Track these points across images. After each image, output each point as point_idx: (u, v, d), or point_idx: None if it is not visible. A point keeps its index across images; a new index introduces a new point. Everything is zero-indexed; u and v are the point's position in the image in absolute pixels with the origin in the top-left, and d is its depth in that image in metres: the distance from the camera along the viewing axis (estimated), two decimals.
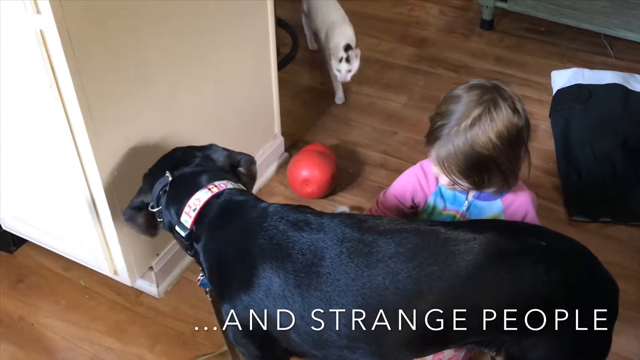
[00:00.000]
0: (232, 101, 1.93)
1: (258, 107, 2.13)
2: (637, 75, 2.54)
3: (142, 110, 1.54)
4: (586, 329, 1.09)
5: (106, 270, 1.75)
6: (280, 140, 2.30)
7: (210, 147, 1.44)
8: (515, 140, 1.29)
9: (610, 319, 1.14)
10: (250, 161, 1.46)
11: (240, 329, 1.22)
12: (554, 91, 2.57)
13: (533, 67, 2.82)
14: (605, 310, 1.12)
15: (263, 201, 1.28)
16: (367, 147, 2.39)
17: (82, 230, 1.65)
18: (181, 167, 1.35)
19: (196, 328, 1.75)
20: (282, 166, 2.30)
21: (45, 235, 1.84)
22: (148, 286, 1.84)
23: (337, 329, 1.12)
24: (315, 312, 1.12)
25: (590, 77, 2.52)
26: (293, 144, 2.41)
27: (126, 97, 1.48)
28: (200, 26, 1.66)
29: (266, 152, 2.23)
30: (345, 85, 2.67)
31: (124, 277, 1.75)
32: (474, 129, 1.26)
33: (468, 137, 1.27)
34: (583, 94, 2.43)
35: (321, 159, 2.12)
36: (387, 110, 2.61)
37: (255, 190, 2.19)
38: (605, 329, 1.13)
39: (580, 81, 2.51)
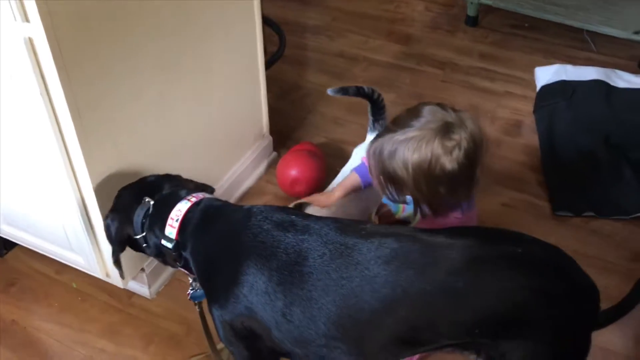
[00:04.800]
0: (221, 103, 1.94)
1: (247, 107, 2.15)
2: (618, 71, 2.58)
3: (132, 115, 1.56)
4: (564, 333, 1.12)
5: (98, 273, 1.76)
6: (268, 140, 2.32)
7: (177, 177, 1.49)
8: (433, 178, 1.28)
9: (589, 323, 1.17)
10: (212, 191, 1.51)
11: (229, 330, 1.25)
12: (538, 88, 2.61)
13: (517, 63, 2.86)
14: (583, 314, 1.15)
15: (242, 205, 1.33)
16: (355, 145, 2.40)
17: (74, 233, 1.66)
18: (157, 192, 1.39)
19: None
20: (272, 165, 2.32)
21: (37, 238, 1.85)
22: (140, 287, 1.86)
23: (316, 327, 1.15)
24: (297, 310, 1.15)
25: (573, 74, 2.56)
26: (281, 143, 2.43)
27: (116, 103, 1.49)
28: (188, 30, 1.68)
29: (255, 151, 2.25)
30: (332, 83, 2.69)
31: (115, 279, 1.76)
32: (402, 146, 1.27)
33: (392, 150, 1.28)
34: (566, 90, 2.47)
35: (310, 159, 2.14)
36: None
37: (244, 189, 2.22)
38: (584, 333, 1.16)
39: (564, 77, 2.55)
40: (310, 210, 1.60)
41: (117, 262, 1.44)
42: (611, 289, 1.41)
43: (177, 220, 1.30)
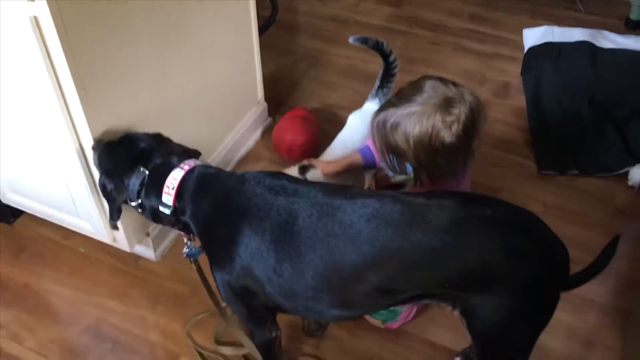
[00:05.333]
0: (217, 70, 2.00)
1: (241, 74, 2.20)
2: (604, 32, 2.63)
3: (132, 86, 1.62)
4: (531, 290, 1.21)
5: (105, 238, 1.84)
6: (264, 106, 2.38)
7: (166, 140, 1.54)
8: (432, 150, 1.36)
9: (556, 281, 1.25)
10: (199, 155, 1.55)
11: (229, 289, 1.35)
12: (526, 49, 2.66)
13: (506, 24, 2.91)
14: (551, 272, 1.23)
15: (235, 172, 1.41)
16: (349, 110, 2.43)
17: (81, 201, 1.74)
18: (150, 159, 1.44)
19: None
20: (267, 131, 2.38)
21: (44, 206, 1.92)
22: (146, 251, 1.94)
23: (304, 281, 1.25)
24: (287, 265, 1.25)
25: (560, 35, 2.61)
26: (276, 108, 2.48)
27: (117, 74, 1.55)
28: (183, 1, 1.72)
29: (250, 118, 2.30)
30: (325, 48, 2.73)
31: (122, 244, 1.84)
32: (404, 120, 1.36)
33: (395, 123, 1.37)
34: (553, 52, 2.52)
35: (305, 124, 2.20)
36: (367, 72, 2.68)
37: (240, 155, 2.29)
38: (551, 289, 1.25)
39: (551, 39, 2.59)
40: (311, 175, 1.67)
41: (115, 227, 1.52)
42: (594, 242, 1.51)
43: (173, 188, 1.37)
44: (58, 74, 1.42)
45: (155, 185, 1.41)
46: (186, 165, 1.40)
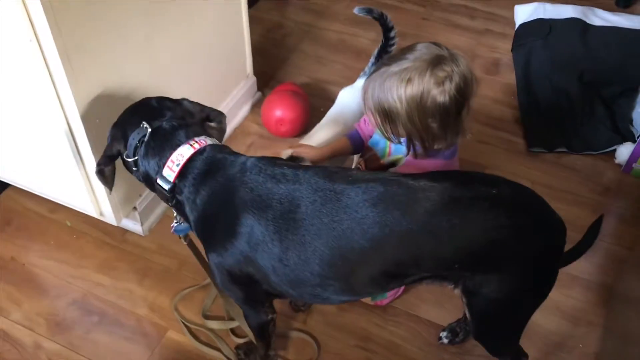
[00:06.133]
0: (205, 43, 1.97)
1: (230, 47, 2.17)
2: (595, 9, 2.62)
3: (119, 57, 1.59)
4: (534, 266, 1.23)
5: (92, 212, 1.83)
6: (252, 80, 2.36)
7: (182, 101, 1.47)
8: (425, 111, 1.34)
9: (557, 257, 1.27)
10: (221, 116, 1.51)
11: (226, 275, 1.33)
12: (517, 26, 2.65)
13: (497, 0, 2.88)
14: (552, 249, 1.25)
15: (240, 155, 1.35)
16: (338, 85, 2.43)
17: (67, 174, 1.72)
18: (157, 118, 1.38)
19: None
20: (256, 105, 2.36)
21: (30, 179, 1.90)
22: (133, 225, 1.93)
23: (311, 269, 1.23)
24: (292, 254, 1.23)
25: (551, 12, 2.59)
26: (265, 83, 2.46)
27: (104, 46, 1.53)
28: None
29: (240, 92, 2.29)
30: (314, 22, 2.70)
31: (109, 218, 1.84)
32: (396, 78, 1.33)
33: (387, 83, 1.35)
34: (544, 28, 2.51)
35: (294, 99, 2.19)
36: (356, 47, 2.67)
37: (230, 129, 2.27)
38: (552, 266, 1.27)
39: (542, 16, 2.58)
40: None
41: (100, 173, 1.42)
42: (581, 220, 1.52)
43: (177, 165, 1.31)
44: (42, 45, 1.39)
45: (156, 151, 1.34)
46: (196, 144, 1.33)
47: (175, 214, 1.47)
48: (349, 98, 1.89)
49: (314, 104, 2.31)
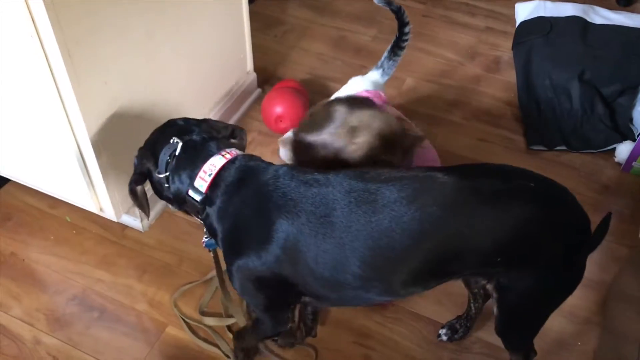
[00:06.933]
0: (206, 39, 1.97)
1: (231, 43, 2.17)
2: (596, 7, 2.62)
3: (120, 54, 1.59)
4: (568, 259, 1.24)
5: (92, 207, 1.83)
6: (253, 77, 2.36)
7: (207, 119, 1.48)
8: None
9: (586, 252, 1.28)
10: (243, 132, 1.51)
11: (254, 282, 1.31)
12: (517, 23, 2.65)
13: None
14: (582, 242, 1.25)
15: (272, 164, 1.35)
16: (338, 82, 2.44)
17: (67, 169, 1.72)
18: (186, 134, 1.37)
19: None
20: (256, 102, 2.36)
21: (30, 174, 1.90)
22: (133, 221, 1.93)
23: (352, 271, 1.22)
24: (330, 257, 1.21)
25: (552, 10, 2.59)
26: (265, 79, 2.46)
27: (105, 42, 1.52)
28: None
29: (240, 88, 2.28)
30: (315, 18, 2.70)
31: (109, 213, 1.84)
32: (315, 147, 1.40)
33: (307, 146, 1.41)
34: (544, 26, 2.51)
35: (294, 96, 2.19)
36: (357, 44, 2.67)
37: None
38: (582, 258, 1.28)
39: (542, 14, 2.58)
40: None
41: (132, 192, 1.42)
42: None
43: (209, 175, 1.30)
44: (42, 39, 1.38)
45: (188, 163, 1.33)
46: (228, 154, 1.33)
47: (205, 229, 1.42)
48: (359, 86, 1.89)
49: (314, 101, 2.29)
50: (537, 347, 1.64)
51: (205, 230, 1.41)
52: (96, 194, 1.78)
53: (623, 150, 2.14)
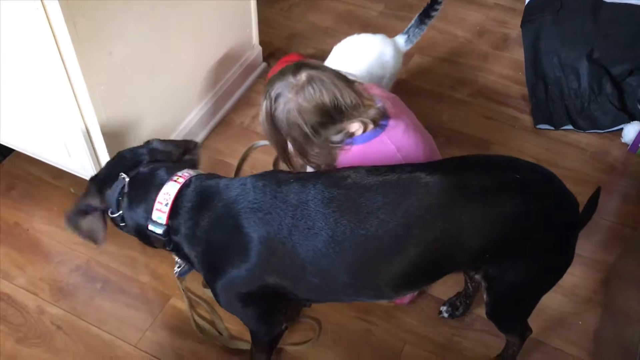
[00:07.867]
0: (211, 13, 1.95)
1: (236, 17, 2.15)
2: None
3: (125, 25, 1.58)
4: (557, 245, 1.24)
5: None
6: (258, 50, 2.34)
7: (151, 142, 1.39)
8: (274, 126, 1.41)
9: (575, 235, 1.28)
10: (197, 147, 1.45)
11: (240, 297, 1.28)
12: (527, 1, 2.61)
13: None
14: (570, 228, 1.26)
15: (233, 179, 1.28)
16: None
17: (71, 139, 1.71)
18: (135, 167, 1.30)
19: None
20: (261, 76, 2.34)
21: (34, 145, 1.89)
22: None
23: (340, 281, 1.21)
24: (317, 268, 1.19)
25: None
26: (271, 53, 2.44)
27: (110, 13, 1.51)
28: None
29: (245, 62, 2.27)
30: None
31: None
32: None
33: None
34: (555, 3, 2.47)
35: None
36: (364, 19, 2.64)
37: (234, 100, 2.26)
38: (572, 242, 1.28)
39: None
40: None
41: (76, 228, 1.33)
42: (583, 197, 1.51)
43: (166, 205, 1.23)
44: (48, 10, 1.37)
45: (141, 198, 1.26)
46: (180, 178, 1.26)
47: (176, 259, 1.39)
48: (379, 47, 1.90)
49: None
50: (536, 325, 1.65)
51: (176, 260, 1.37)
52: (100, 164, 1.77)
53: (630, 130, 2.12)
